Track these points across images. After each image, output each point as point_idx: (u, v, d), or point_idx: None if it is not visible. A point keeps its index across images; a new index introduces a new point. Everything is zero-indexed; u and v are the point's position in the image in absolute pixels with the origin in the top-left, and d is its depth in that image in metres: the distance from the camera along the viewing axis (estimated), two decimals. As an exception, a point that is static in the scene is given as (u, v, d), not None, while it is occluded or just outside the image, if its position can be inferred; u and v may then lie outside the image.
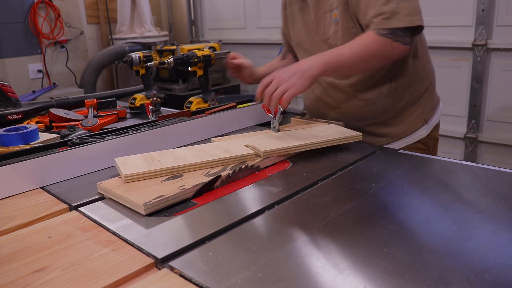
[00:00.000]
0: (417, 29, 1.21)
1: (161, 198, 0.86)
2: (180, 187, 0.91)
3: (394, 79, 1.35)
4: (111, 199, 0.92)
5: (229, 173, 0.98)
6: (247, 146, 1.13)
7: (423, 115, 1.41)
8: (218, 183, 0.97)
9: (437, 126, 1.46)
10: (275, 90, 1.09)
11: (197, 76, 1.75)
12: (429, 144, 1.43)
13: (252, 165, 1.04)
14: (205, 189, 0.94)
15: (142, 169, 0.97)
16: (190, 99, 1.76)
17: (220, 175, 0.97)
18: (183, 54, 1.72)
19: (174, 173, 0.99)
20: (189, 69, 1.73)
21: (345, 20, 1.28)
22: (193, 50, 1.75)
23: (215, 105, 1.67)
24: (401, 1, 1.16)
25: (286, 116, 1.27)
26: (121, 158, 1.05)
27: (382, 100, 1.38)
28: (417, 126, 1.41)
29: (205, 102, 1.74)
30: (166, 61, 1.67)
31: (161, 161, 1.02)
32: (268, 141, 1.15)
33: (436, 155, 1.44)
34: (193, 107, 1.71)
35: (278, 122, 1.27)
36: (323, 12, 1.33)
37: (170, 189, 0.90)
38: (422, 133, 1.41)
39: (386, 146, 1.33)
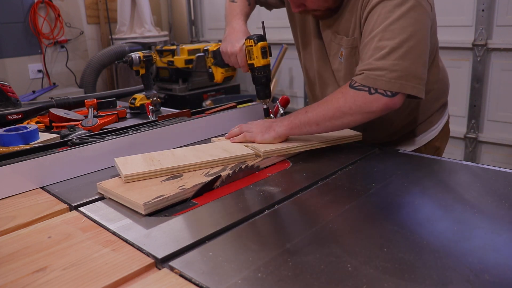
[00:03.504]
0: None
1: (161, 198, 0.86)
2: (180, 187, 0.91)
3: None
4: (111, 199, 0.92)
5: (229, 173, 0.98)
6: (247, 146, 1.13)
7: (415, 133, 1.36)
8: (218, 183, 0.97)
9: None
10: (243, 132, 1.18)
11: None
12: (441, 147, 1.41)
13: (252, 165, 1.04)
14: (205, 189, 0.94)
15: (142, 169, 0.97)
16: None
17: (220, 175, 0.97)
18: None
19: (174, 173, 0.99)
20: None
21: (349, 65, 1.21)
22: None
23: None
24: (399, 58, 1.00)
25: None
26: (121, 158, 1.05)
27: (398, 119, 1.29)
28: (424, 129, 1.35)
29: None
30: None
31: (161, 161, 1.02)
32: None
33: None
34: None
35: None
36: (329, 40, 1.26)
37: (170, 189, 0.90)
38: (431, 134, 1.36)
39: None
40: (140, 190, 0.90)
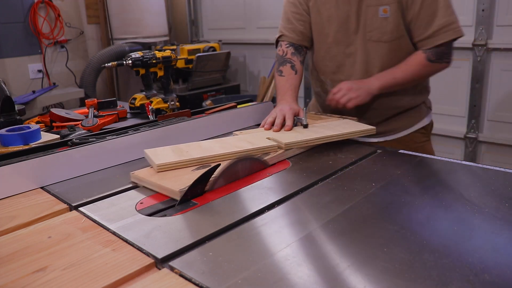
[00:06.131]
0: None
1: None
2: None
3: None
4: (145, 187, 0.96)
5: (229, 162, 0.98)
6: (269, 138, 1.17)
7: (427, 103, 1.53)
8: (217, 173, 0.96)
9: None
10: (342, 97, 1.33)
11: (158, 77, 1.76)
12: (428, 128, 1.54)
13: (259, 157, 1.06)
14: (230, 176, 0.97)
15: (173, 159, 1.02)
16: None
17: (220, 163, 0.96)
18: (142, 55, 1.72)
19: (202, 163, 1.04)
20: (149, 70, 1.74)
21: (396, 19, 1.35)
22: (154, 52, 1.77)
23: (175, 106, 1.66)
24: (446, 16, 1.30)
25: None
26: (151, 150, 1.10)
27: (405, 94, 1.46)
28: (423, 115, 1.51)
29: (165, 102, 1.74)
30: (124, 61, 1.68)
31: (189, 152, 1.07)
32: (289, 134, 1.21)
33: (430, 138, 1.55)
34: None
35: (305, 118, 1.28)
36: (365, 6, 1.37)
37: None
38: (425, 119, 1.52)
39: (392, 136, 1.49)
40: (174, 179, 0.95)
